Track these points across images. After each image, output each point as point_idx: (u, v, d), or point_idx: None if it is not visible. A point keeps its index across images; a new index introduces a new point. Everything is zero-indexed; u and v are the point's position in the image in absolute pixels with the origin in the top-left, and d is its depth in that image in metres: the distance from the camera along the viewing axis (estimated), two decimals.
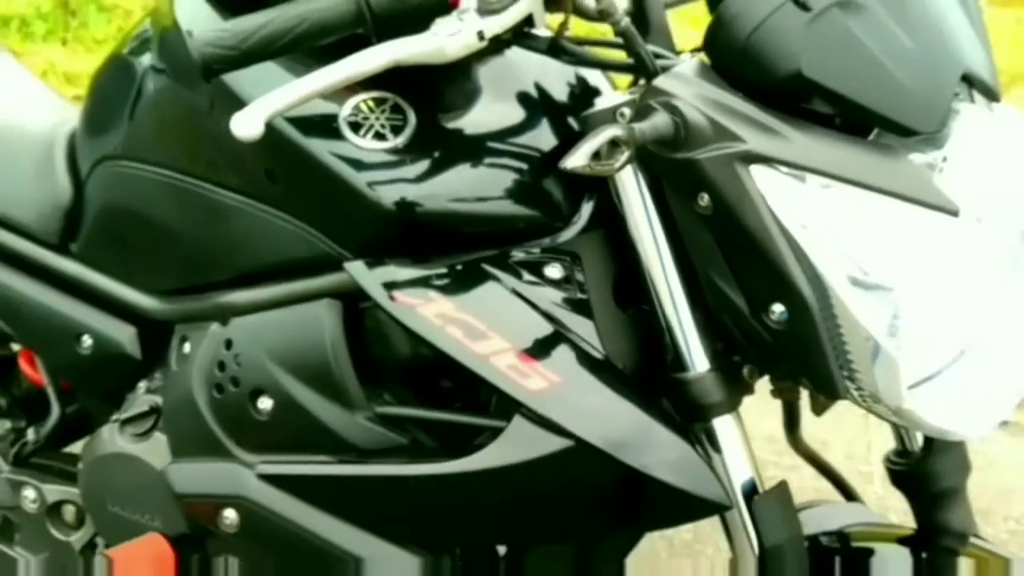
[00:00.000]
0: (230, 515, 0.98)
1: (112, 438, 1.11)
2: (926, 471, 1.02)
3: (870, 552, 1.02)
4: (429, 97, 0.91)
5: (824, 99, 0.76)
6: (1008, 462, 2.07)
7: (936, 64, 0.76)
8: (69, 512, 1.23)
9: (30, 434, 1.27)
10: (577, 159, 0.74)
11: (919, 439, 1.03)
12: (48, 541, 1.25)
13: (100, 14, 3.50)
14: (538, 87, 0.93)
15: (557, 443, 0.85)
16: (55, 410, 1.25)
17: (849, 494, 1.10)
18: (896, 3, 0.76)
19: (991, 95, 0.80)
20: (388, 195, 0.89)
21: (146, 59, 1.05)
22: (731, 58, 0.78)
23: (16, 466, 1.26)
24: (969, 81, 0.78)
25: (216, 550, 1.04)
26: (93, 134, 1.13)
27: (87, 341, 1.15)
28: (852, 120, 0.77)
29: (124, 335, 1.13)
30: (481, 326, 0.86)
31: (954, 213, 0.76)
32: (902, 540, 1.04)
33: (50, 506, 1.23)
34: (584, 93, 0.94)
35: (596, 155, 0.75)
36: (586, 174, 0.75)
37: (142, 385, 1.13)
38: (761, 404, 0.98)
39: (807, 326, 0.78)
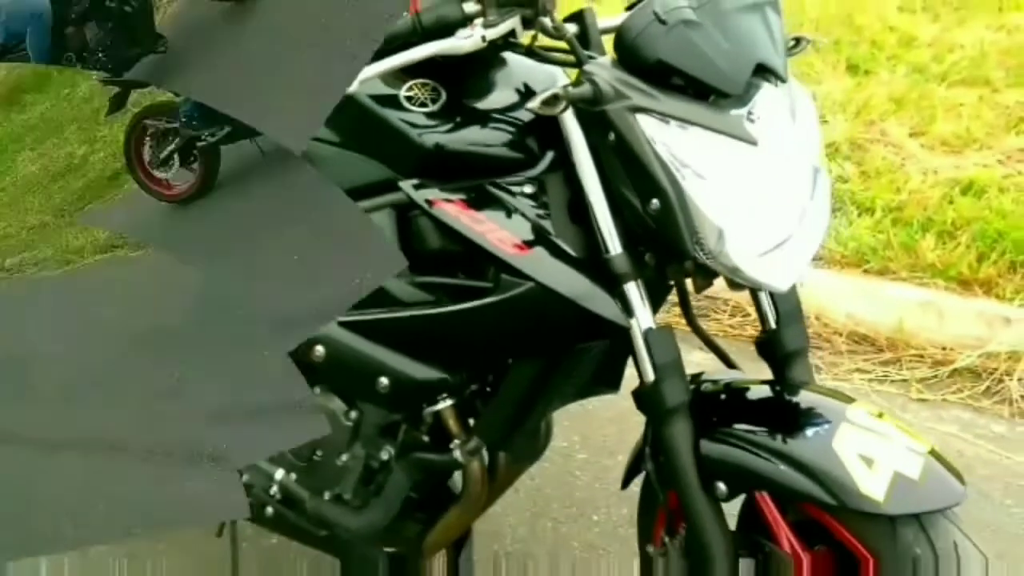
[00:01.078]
0: (319, 349, 1.51)
1: None
2: (778, 339, 1.53)
3: (745, 389, 1.52)
4: (455, 83, 1.47)
5: (677, 76, 1.31)
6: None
7: (741, 57, 1.31)
8: None
9: None
10: (534, 103, 1.30)
11: (773, 318, 1.55)
12: None
13: None
14: (520, 78, 1.50)
15: (527, 286, 1.37)
16: None
17: (730, 364, 1.61)
18: (720, 22, 1.30)
19: (780, 78, 1.35)
20: (428, 140, 1.44)
21: None
22: (625, 53, 1.33)
23: None
24: (764, 68, 1.33)
25: (309, 377, 1.58)
26: None
27: None
28: (695, 89, 1.31)
29: None
30: (482, 217, 1.41)
31: (754, 143, 1.30)
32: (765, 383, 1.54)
33: None
34: (548, 80, 1.51)
35: (546, 103, 1.31)
36: (540, 114, 1.31)
37: None
38: None
39: (670, 212, 1.30)
